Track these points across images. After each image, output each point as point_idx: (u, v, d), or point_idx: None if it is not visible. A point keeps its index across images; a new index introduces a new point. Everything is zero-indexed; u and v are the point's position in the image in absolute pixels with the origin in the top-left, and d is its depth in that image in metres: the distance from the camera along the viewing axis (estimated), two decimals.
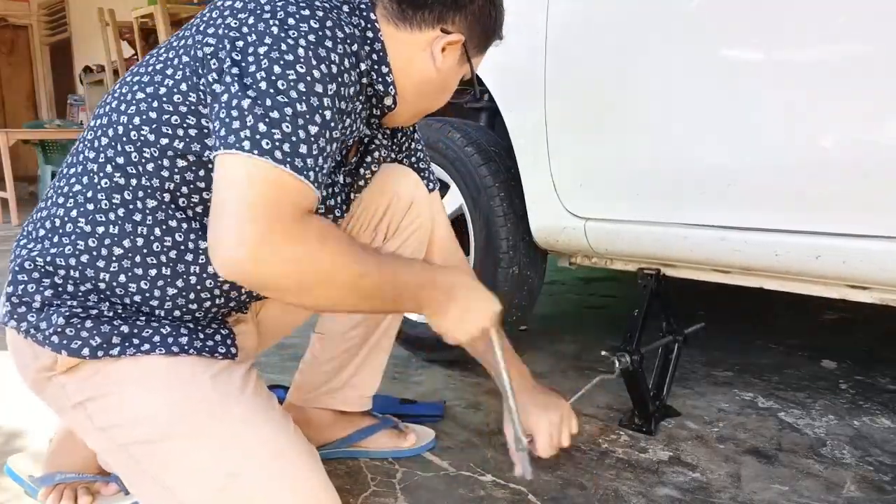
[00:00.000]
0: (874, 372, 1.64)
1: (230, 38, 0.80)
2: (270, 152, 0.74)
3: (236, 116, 0.75)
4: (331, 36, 0.80)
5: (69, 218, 0.87)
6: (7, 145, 5.00)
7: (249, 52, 0.78)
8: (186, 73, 0.83)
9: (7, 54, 8.69)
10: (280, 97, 0.76)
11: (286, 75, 0.76)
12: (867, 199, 1.07)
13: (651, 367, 1.41)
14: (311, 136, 0.77)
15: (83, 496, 1.08)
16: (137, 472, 0.88)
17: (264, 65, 0.77)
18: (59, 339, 0.85)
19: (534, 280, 1.66)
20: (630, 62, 1.32)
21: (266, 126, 0.75)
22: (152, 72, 0.87)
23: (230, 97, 0.77)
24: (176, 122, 0.83)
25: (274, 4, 0.81)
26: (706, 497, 1.11)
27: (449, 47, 0.95)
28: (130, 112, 0.85)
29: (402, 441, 1.27)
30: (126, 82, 0.90)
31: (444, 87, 1.01)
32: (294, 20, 0.79)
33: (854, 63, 1.06)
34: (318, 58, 0.78)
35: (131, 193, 0.86)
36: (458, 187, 1.65)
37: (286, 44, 0.77)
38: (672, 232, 1.30)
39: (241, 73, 0.77)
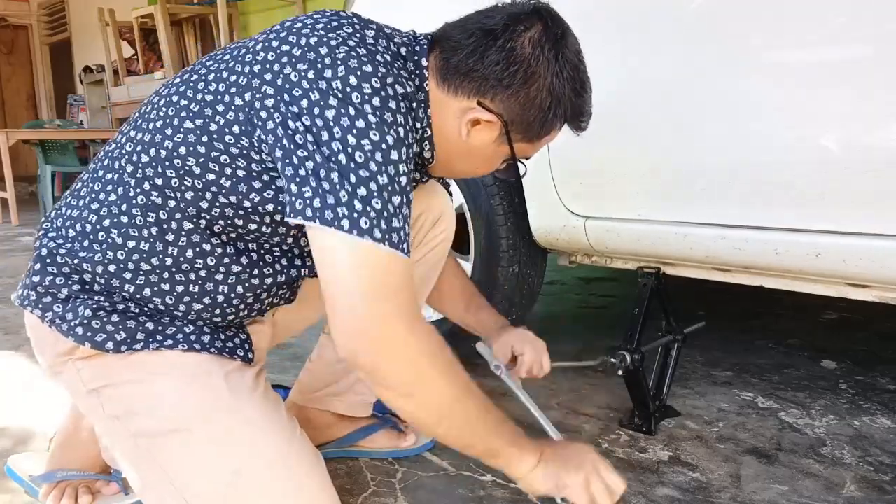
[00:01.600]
0: (874, 372, 1.64)
1: (293, 95, 0.78)
2: (370, 231, 0.75)
3: (328, 190, 0.75)
4: (393, 95, 0.79)
5: (101, 227, 0.87)
6: (7, 145, 5.00)
7: (317, 115, 0.77)
8: (240, 117, 0.81)
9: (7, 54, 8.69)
10: (362, 171, 0.75)
11: (362, 146, 0.76)
12: (867, 198, 1.07)
13: (651, 367, 1.41)
14: (396, 208, 0.77)
15: (83, 495, 1.08)
16: (143, 463, 0.89)
17: (337, 134, 0.76)
18: (84, 331, 0.87)
19: (534, 279, 1.66)
20: (630, 60, 1.32)
21: (361, 204, 0.75)
22: (202, 102, 0.84)
23: (316, 166, 0.76)
24: (225, 161, 0.83)
25: (334, 57, 0.78)
26: (706, 497, 1.11)
27: (484, 124, 0.88)
28: (177, 140, 0.84)
29: (402, 441, 1.27)
30: (172, 102, 0.87)
31: (477, 161, 0.95)
32: (356, 78, 0.77)
33: (854, 61, 1.06)
34: (386, 123, 0.77)
35: (167, 214, 0.86)
36: (458, 186, 1.65)
37: (354, 108, 0.76)
38: (672, 230, 1.30)
39: (317, 142, 0.76)
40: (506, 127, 0.88)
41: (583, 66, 0.90)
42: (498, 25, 0.85)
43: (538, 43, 0.85)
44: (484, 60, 0.85)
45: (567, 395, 1.54)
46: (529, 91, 0.86)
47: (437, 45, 0.89)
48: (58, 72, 8.68)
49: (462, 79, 0.86)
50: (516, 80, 0.85)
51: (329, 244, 0.76)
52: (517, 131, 0.89)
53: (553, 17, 0.88)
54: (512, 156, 0.92)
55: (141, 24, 5.87)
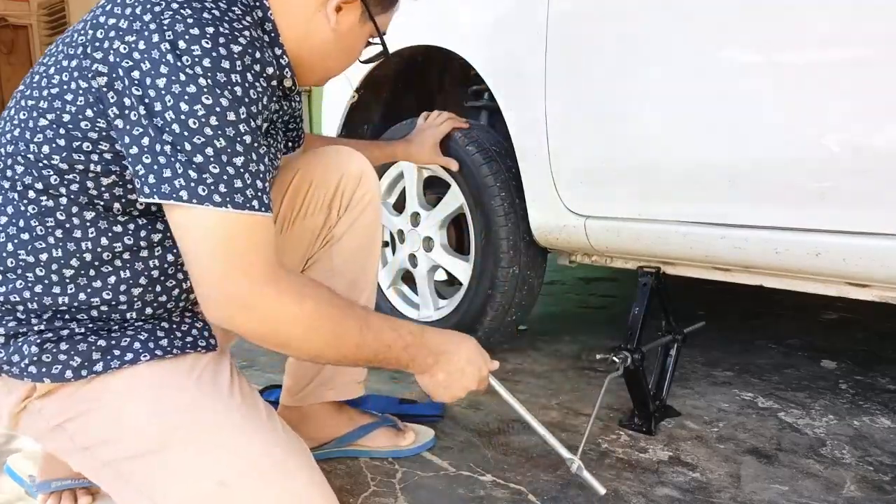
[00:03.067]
0: (874, 372, 1.64)
1: (123, 67, 0.77)
2: (209, 197, 0.76)
3: (164, 164, 0.76)
4: (226, 54, 0.77)
5: (7, 253, 0.83)
6: None
7: (149, 86, 0.76)
8: (89, 99, 0.80)
9: (7, 54, 8.69)
10: (197, 138, 0.76)
11: (195, 112, 0.75)
12: (867, 196, 1.07)
13: (651, 367, 1.40)
14: (239, 168, 0.78)
15: (83, 496, 1.08)
16: (125, 489, 0.86)
17: (169, 102, 0.75)
18: (38, 369, 0.82)
19: (534, 279, 1.66)
20: (630, 60, 1.32)
21: (195, 172, 0.76)
22: (48, 96, 0.83)
23: (150, 141, 0.76)
24: (88, 148, 0.81)
25: (160, 23, 0.77)
26: (706, 497, 1.11)
27: (345, 6, 0.91)
28: (38, 140, 0.82)
29: (401, 439, 1.27)
30: (22, 107, 0.85)
31: (348, 50, 0.98)
32: (185, 42, 0.76)
33: (855, 60, 1.06)
34: (219, 84, 0.76)
35: (64, 213, 0.83)
36: (458, 186, 1.65)
37: (185, 73, 0.75)
38: (672, 229, 1.30)
39: (150, 113, 0.76)
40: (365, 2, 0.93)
41: None
42: None
43: None
44: None
45: (567, 395, 1.54)
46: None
47: None
48: None
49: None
50: None
51: (173, 218, 0.79)
52: (374, 3, 0.94)
53: None
54: (376, 28, 0.96)
55: None
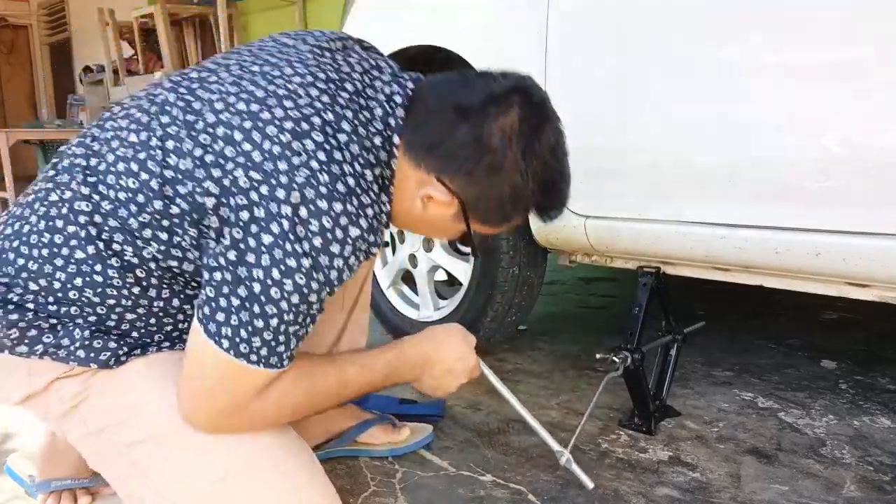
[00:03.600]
0: (874, 372, 1.64)
1: (237, 202, 0.74)
2: (246, 356, 0.77)
3: (223, 308, 0.76)
4: (341, 238, 0.75)
5: (72, 286, 0.82)
6: (7, 145, 5.00)
7: (253, 234, 0.74)
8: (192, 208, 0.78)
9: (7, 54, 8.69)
10: (269, 307, 0.75)
11: (282, 284, 0.74)
12: (867, 196, 1.07)
13: (651, 367, 1.40)
14: (290, 335, 0.79)
15: (83, 496, 1.09)
16: (131, 474, 0.87)
17: (264, 262, 0.73)
18: (87, 353, 0.84)
19: (534, 279, 1.66)
20: (630, 60, 1.32)
21: (248, 334, 0.76)
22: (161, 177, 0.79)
23: (222, 283, 0.76)
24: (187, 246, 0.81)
25: (291, 179, 0.74)
26: (706, 497, 1.11)
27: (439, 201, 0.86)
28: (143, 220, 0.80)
29: (398, 434, 1.27)
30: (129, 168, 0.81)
31: (434, 228, 0.94)
32: (307, 212, 0.74)
33: (855, 61, 1.06)
34: (318, 267, 0.75)
35: (144, 271, 0.84)
36: None
37: (291, 245, 0.73)
38: (672, 229, 1.30)
39: (238, 261, 0.75)
40: (463, 208, 0.86)
41: (556, 161, 0.87)
42: (473, 104, 0.82)
43: (508, 134, 0.82)
44: (451, 139, 0.82)
45: (567, 395, 1.54)
46: (491, 182, 0.84)
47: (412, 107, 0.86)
48: (58, 72, 8.68)
49: (426, 153, 0.84)
50: (479, 168, 0.82)
51: (204, 346, 0.78)
52: (475, 214, 0.87)
53: (532, 103, 0.84)
54: (468, 235, 0.90)
55: (141, 24, 5.87)
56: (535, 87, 0.86)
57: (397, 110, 0.85)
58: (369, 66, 0.89)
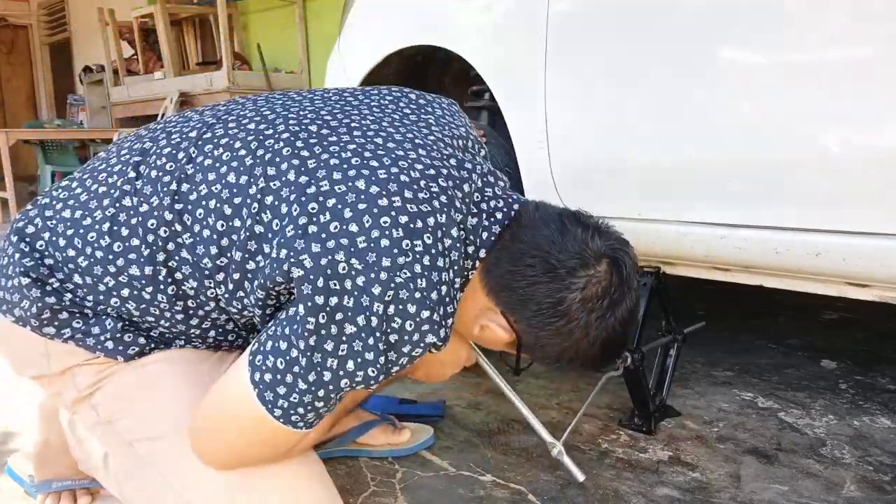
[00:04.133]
0: (874, 372, 1.64)
1: (328, 287, 0.71)
2: (294, 424, 0.77)
3: (289, 382, 0.74)
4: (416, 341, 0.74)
5: (117, 295, 0.83)
6: (7, 145, 5.00)
7: (336, 321, 0.72)
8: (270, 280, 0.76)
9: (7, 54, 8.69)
10: (331, 387, 0.74)
11: (353, 375, 0.74)
12: (868, 196, 1.07)
13: (651, 367, 1.40)
14: (332, 400, 0.78)
15: (82, 496, 1.09)
16: (137, 468, 0.88)
17: (341, 351, 0.72)
18: (115, 345, 0.84)
19: None
20: (630, 60, 1.31)
21: (305, 410, 0.76)
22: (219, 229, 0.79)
23: (292, 361, 0.74)
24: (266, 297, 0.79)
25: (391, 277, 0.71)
26: (706, 497, 1.11)
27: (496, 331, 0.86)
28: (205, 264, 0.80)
29: (399, 436, 1.27)
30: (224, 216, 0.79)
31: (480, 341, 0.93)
32: (395, 310, 0.72)
33: (855, 59, 1.06)
34: (390, 362, 0.75)
35: (195, 301, 0.84)
36: None
37: (374, 338, 0.72)
38: (672, 229, 1.30)
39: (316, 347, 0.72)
40: (519, 344, 0.86)
41: (624, 331, 0.86)
42: (563, 266, 0.80)
43: (590, 305, 0.81)
44: (531, 290, 0.81)
45: (567, 394, 1.54)
46: (555, 339, 0.84)
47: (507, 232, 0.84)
48: (58, 72, 8.68)
49: (502, 289, 0.83)
50: (549, 325, 0.82)
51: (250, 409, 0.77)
52: (528, 351, 0.88)
53: (621, 276, 0.83)
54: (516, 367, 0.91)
55: (141, 24, 5.87)
56: (626, 255, 0.84)
57: (494, 227, 0.84)
58: (488, 171, 0.87)
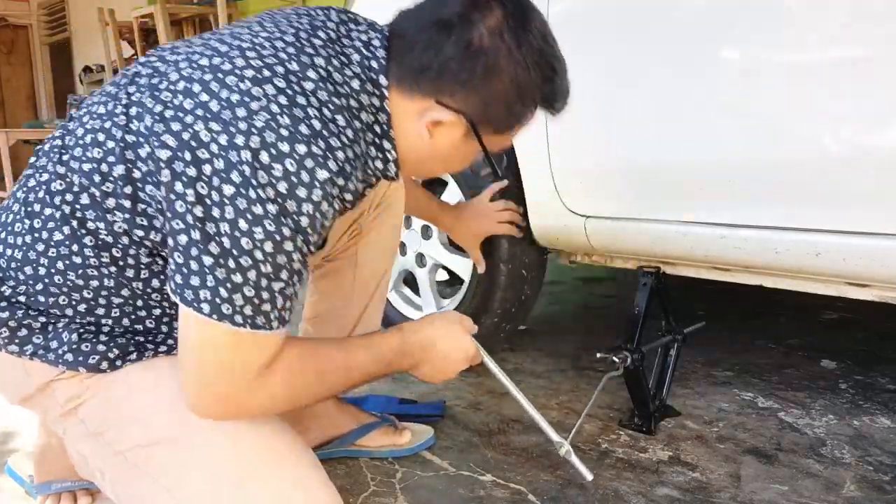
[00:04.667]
0: (874, 372, 1.64)
1: (195, 155, 0.72)
2: (230, 317, 0.73)
3: (196, 271, 0.72)
4: (307, 182, 0.72)
5: (56, 270, 0.82)
6: (7, 145, 5.00)
7: (215, 187, 0.71)
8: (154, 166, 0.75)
9: (7, 54, 8.69)
10: (244, 259, 0.72)
11: (252, 233, 0.71)
12: (867, 196, 1.07)
13: (651, 367, 1.40)
14: (274, 293, 0.75)
15: (83, 497, 1.08)
16: (135, 478, 0.86)
17: (229, 214, 0.71)
18: (75, 357, 0.83)
19: (534, 279, 1.66)
20: (630, 60, 1.32)
21: (227, 292, 0.72)
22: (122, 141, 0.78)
23: (190, 243, 0.72)
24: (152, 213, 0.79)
25: (251, 124, 0.71)
26: (706, 497, 1.11)
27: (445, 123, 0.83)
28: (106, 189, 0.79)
29: (399, 437, 1.26)
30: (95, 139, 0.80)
31: (448, 160, 0.91)
32: (269, 157, 0.71)
33: (855, 60, 1.06)
34: (286, 213, 0.72)
35: (121, 251, 0.81)
36: (458, 186, 1.65)
37: (255, 192, 0.70)
38: (672, 229, 1.30)
39: (205, 217, 0.71)
40: (471, 124, 0.83)
41: (550, 47, 0.84)
42: (453, 15, 0.79)
43: (497, 32, 0.79)
44: (439, 56, 0.79)
45: (567, 395, 1.54)
46: (492, 85, 0.80)
47: (392, 42, 0.83)
48: (58, 72, 8.68)
49: (417, 78, 0.81)
50: (476, 75, 0.79)
51: (185, 318, 0.75)
52: (485, 126, 0.84)
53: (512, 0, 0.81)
54: (484, 152, 0.87)
55: (141, 24, 5.87)
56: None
57: (377, 52, 0.83)
58: (347, 19, 0.86)
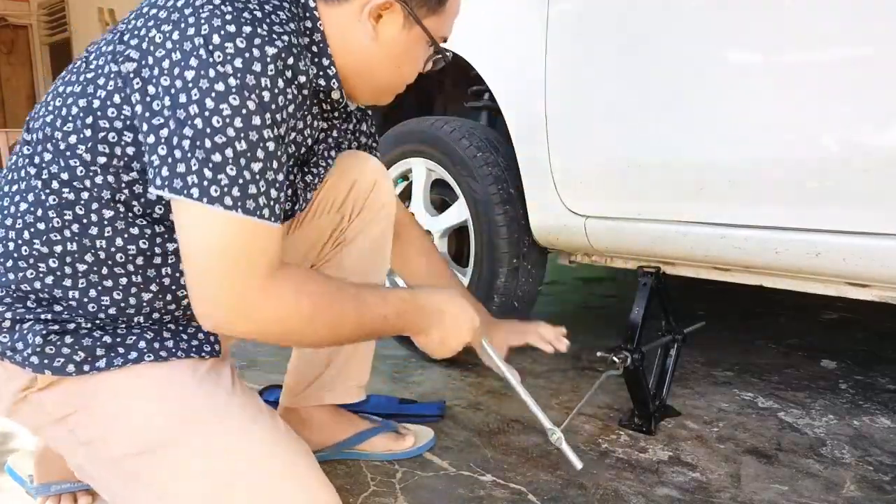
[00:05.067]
0: (874, 372, 1.64)
1: (154, 56, 0.77)
2: (220, 199, 0.75)
3: (179, 158, 0.74)
4: (259, 56, 0.75)
5: (22, 240, 0.83)
6: (7, 145, 5.00)
7: (177, 76, 0.75)
8: (118, 83, 0.79)
9: (7, 54, 8.69)
10: (218, 137, 0.74)
11: (220, 110, 0.74)
12: (867, 196, 1.07)
13: (651, 367, 1.40)
14: (255, 174, 0.76)
15: (83, 497, 1.08)
16: (127, 486, 0.86)
17: (195, 96, 0.74)
18: (40, 360, 0.82)
19: (534, 279, 1.66)
20: (630, 60, 1.32)
21: (211, 172, 0.74)
22: (83, 81, 0.83)
23: (170, 133, 0.75)
24: (113, 139, 0.80)
25: (198, 17, 0.76)
26: (706, 497, 1.11)
27: (384, 13, 0.87)
28: (67, 129, 0.82)
29: (401, 443, 1.26)
30: (59, 93, 0.85)
31: (396, 59, 0.92)
32: (220, 37, 0.74)
33: (855, 60, 1.06)
34: (247, 87, 0.75)
35: (83, 208, 0.82)
36: (458, 186, 1.65)
37: (214, 70, 0.74)
38: (672, 229, 1.30)
39: (174, 105, 0.75)
40: (405, 4, 0.87)
41: None
42: None
43: None
44: None
45: (567, 395, 1.54)
46: None
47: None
48: (58, 72, 8.66)
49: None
50: None
51: (179, 214, 0.77)
52: (418, 5, 0.88)
53: None
54: (426, 33, 0.90)
55: None
56: None
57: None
58: None
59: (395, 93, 0.99)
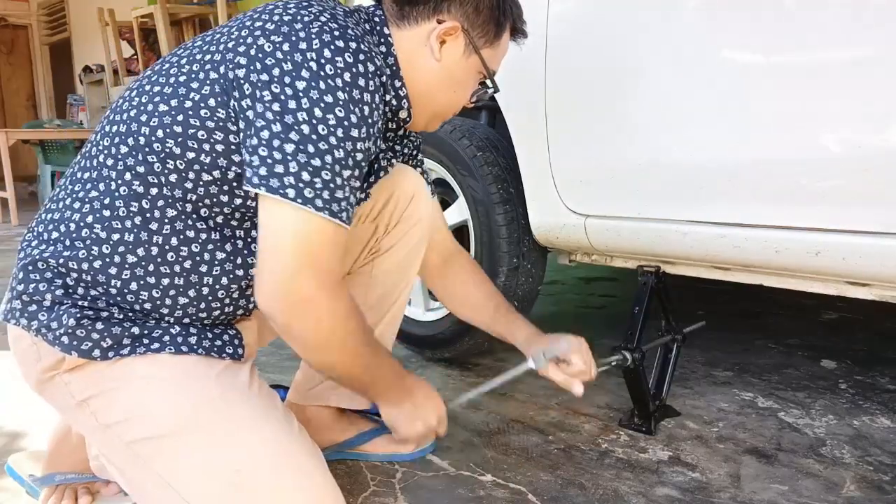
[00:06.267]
0: (874, 372, 1.64)
1: (265, 64, 0.81)
2: (312, 201, 0.81)
3: (279, 159, 0.79)
4: (363, 72, 0.82)
5: (84, 223, 0.87)
6: (7, 145, 5.00)
7: (287, 84, 0.80)
8: (216, 89, 0.84)
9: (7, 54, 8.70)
10: (321, 144, 0.80)
11: (326, 120, 0.80)
12: (867, 195, 1.07)
13: (651, 367, 1.40)
14: (345, 180, 0.83)
15: (83, 496, 1.08)
16: (140, 470, 0.88)
17: (304, 105, 0.79)
18: (70, 340, 0.86)
19: (534, 278, 1.66)
20: (630, 60, 1.32)
21: (309, 175, 0.80)
22: (175, 83, 0.86)
23: (272, 136, 0.80)
24: (203, 136, 0.84)
25: (308, 31, 0.82)
26: (706, 497, 1.11)
27: (448, 38, 0.95)
28: (153, 124, 0.85)
29: (402, 445, 1.25)
30: (144, 91, 0.89)
31: (454, 83, 1.00)
32: (330, 52, 0.81)
33: (854, 59, 1.06)
34: (353, 101, 0.81)
35: (150, 202, 0.87)
36: (458, 185, 1.65)
37: (325, 83, 0.80)
38: (672, 229, 1.30)
39: (283, 110, 0.80)
40: (467, 33, 0.96)
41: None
42: None
43: None
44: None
45: (567, 394, 1.53)
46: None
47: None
48: (58, 72, 8.69)
49: (416, 6, 0.95)
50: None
51: (268, 210, 0.82)
52: (478, 36, 0.97)
53: None
54: (482, 62, 0.98)
55: (141, 24, 5.88)
56: None
57: (376, 10, 0.97)
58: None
59: (444, 119, 1.07)
